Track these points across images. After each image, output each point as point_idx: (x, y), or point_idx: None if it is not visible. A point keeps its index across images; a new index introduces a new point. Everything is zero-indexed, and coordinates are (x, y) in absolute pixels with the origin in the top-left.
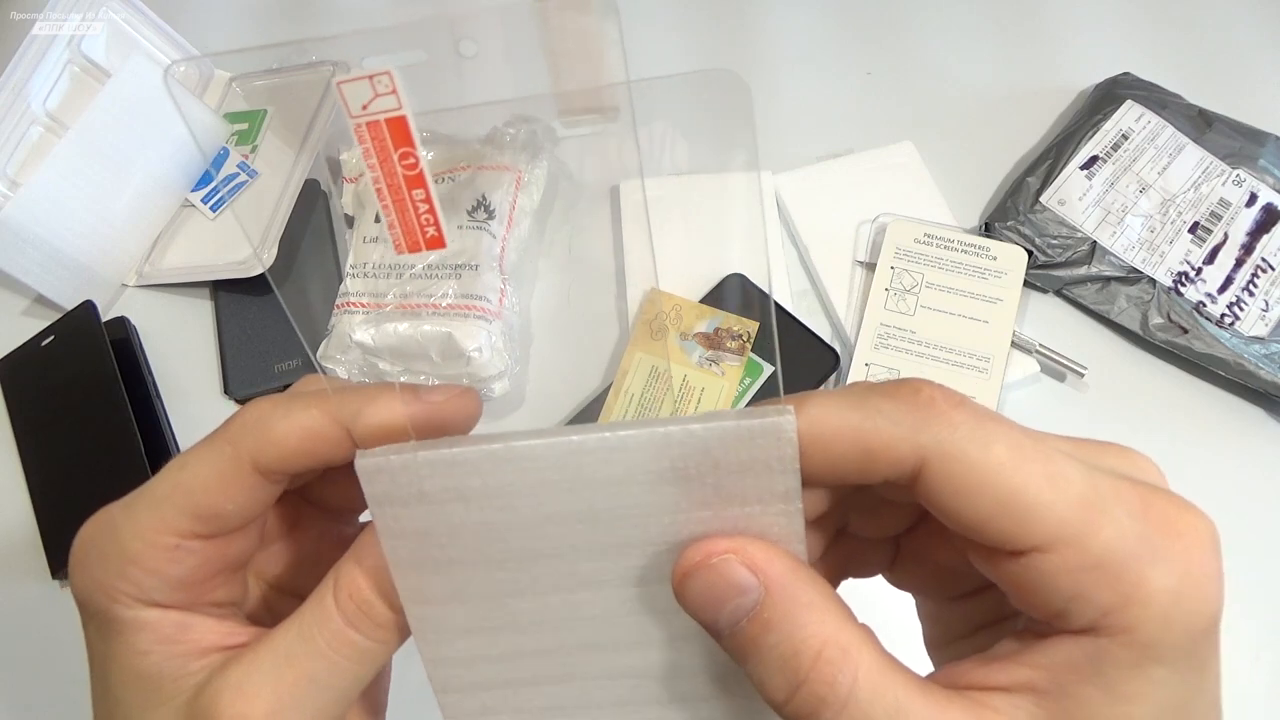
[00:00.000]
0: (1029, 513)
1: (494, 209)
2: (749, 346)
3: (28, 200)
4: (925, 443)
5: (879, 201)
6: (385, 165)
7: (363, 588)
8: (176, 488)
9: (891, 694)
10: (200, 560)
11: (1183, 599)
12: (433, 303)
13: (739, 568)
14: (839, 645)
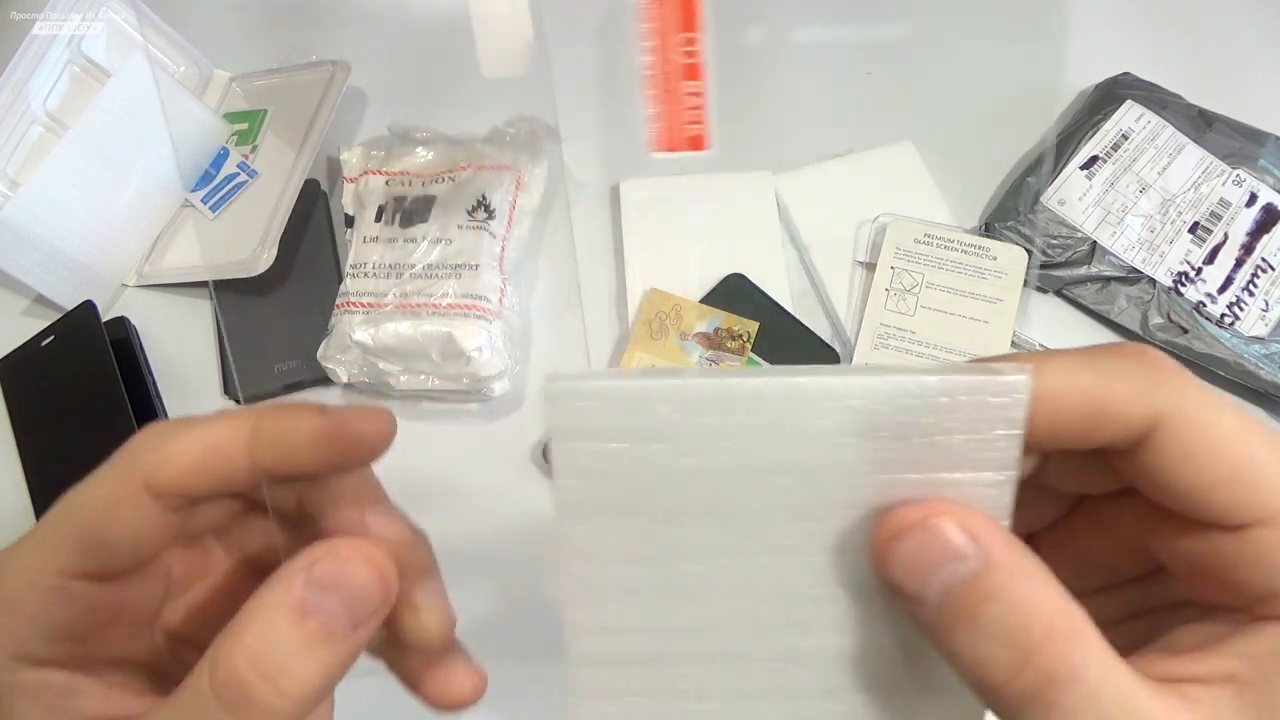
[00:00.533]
0: (1257, 483)
1: (494, 209)
2: (749, 346)
3: (28, 200)
4: (1161, 404)
5: (879, 201)
6: (661, 48)
7: (240, 669)
8: (64, 517)
9: (1119, 679)
10: (87, 605)
11: None
12: (433, 302)
13: (957, 531)
14: (1072, 621)
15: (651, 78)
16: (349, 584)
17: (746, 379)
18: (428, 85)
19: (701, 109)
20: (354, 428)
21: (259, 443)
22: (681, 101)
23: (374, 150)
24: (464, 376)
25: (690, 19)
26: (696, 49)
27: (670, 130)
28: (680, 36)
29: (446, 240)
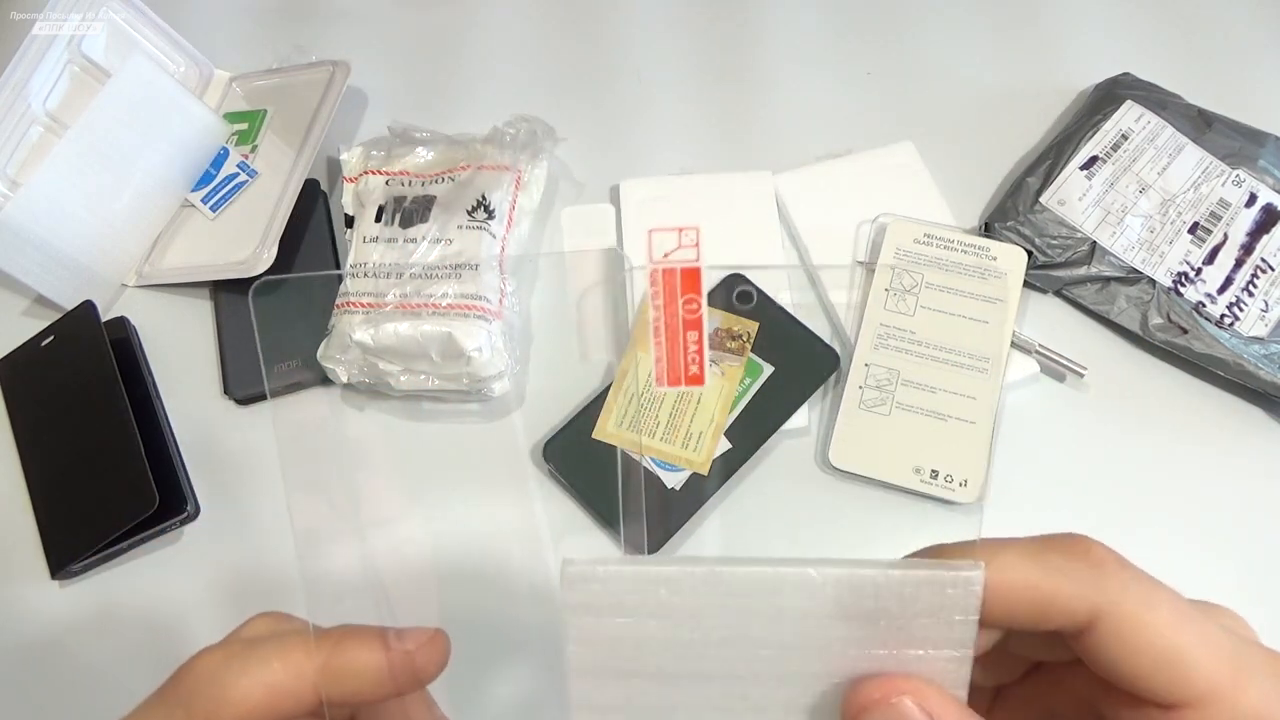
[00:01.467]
0: (1188, 670)
1: (494, 209)
2: (749, 346)
3: (28, 200)
4: (1099, 601)
5: (879, 201)
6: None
7: None
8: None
9: None
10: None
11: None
12: (433, 302)
13: (914, 708)
14: None
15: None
16: None
17: (735, 568)
18: (428, 85)
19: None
20: (417, 663)
21: (327, 684)
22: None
23: (374, 150)
24: (464, 376)
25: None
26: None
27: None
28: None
29: (446, 240)
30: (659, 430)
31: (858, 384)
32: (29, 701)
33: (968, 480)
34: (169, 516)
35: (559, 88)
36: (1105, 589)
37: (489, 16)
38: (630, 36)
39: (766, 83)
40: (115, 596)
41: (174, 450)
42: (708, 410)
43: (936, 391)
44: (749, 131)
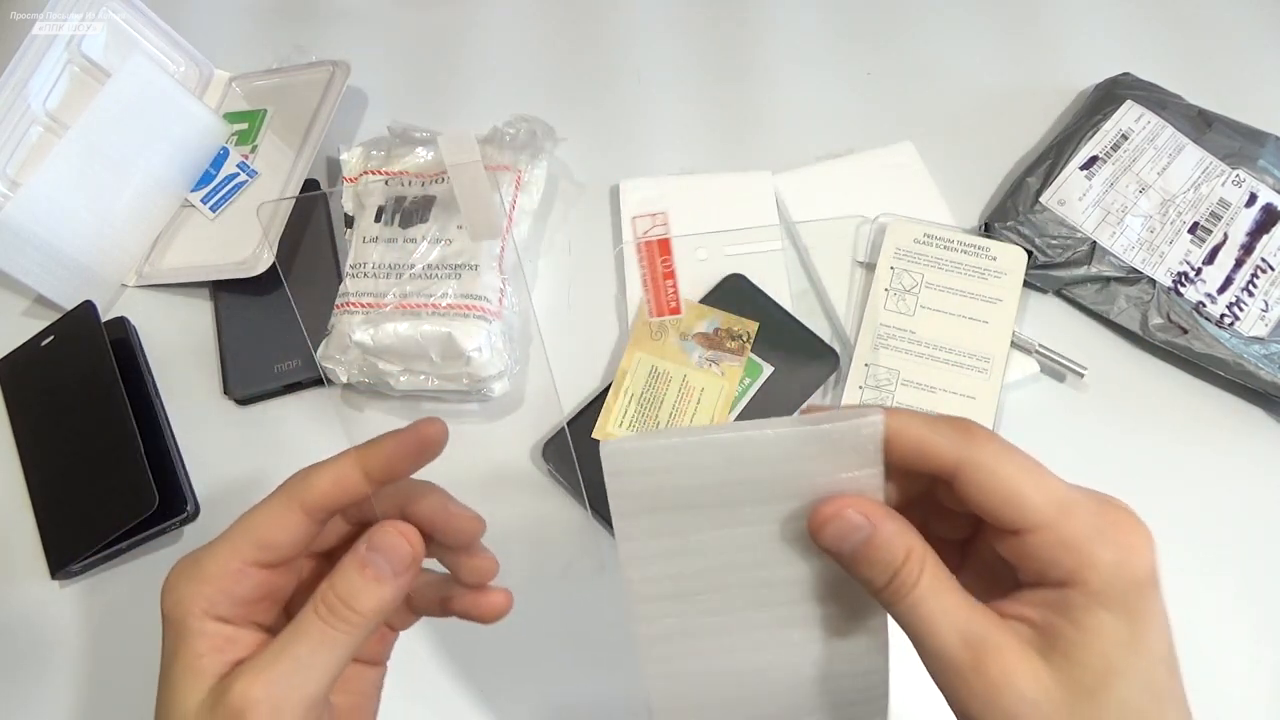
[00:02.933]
0: (1022, 505)
1: None
2: (749, 346)
3: (28, 200)
4: (963, 454)
5: (879, 201)
6: (652, 266)
7: (332, 597)
8: (244, 526)
9: (945, 588)
10: (256, 584)
11: (1119, 566)
12: (432, 303)
13: (857, 516)
14: (917, 554)
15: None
16: (389, 548)
17: (724, 434)
18: (428, 85)
19: (677, 293)
20: (425, 434)
21: (368, 464)
22: (666, 292)
23: (374, 150)
24: (464, 376)
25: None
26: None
27: (659, 307)
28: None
29: (446, 240)
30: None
31: (858, 384)
32: (29, 701)
33: None
34: (169, 516)
35: (559, 88)
36: (969, 446)
37: (489, 16)
38: (630, 36)
39: (766, 83)
40: (115, 596)
41: (174, 450)
42: (708, 410)
43: (936, 391)
44: (749, 131)
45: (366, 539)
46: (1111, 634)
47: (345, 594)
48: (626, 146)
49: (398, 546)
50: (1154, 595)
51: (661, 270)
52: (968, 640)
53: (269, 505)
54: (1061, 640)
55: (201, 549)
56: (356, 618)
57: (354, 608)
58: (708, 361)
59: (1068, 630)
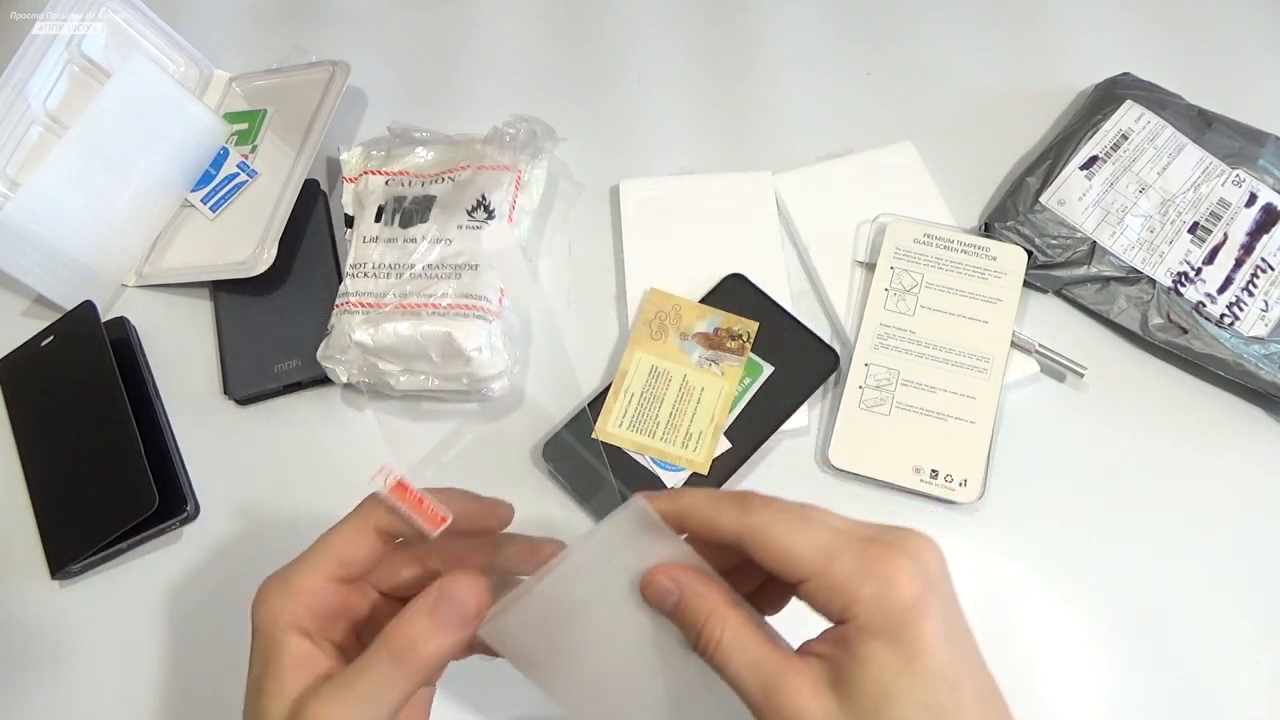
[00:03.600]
0: (793, 560)
1: (494, 209)
2: (749, 346)
3: (28, 200)
4: (740, 524)
5: (879, 201)
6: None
7: (398, 640)
8: (325, 545)
9: (748, 640)
10: (335, 600)
11: (880, 598)
12: (432, 302)
13: (667, 581)
14: (718, 614)
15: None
16: (458, 601)
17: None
18: (428, 85)
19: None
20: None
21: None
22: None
23: (374, 150)
24: (463, 376)
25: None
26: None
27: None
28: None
29: (446, 240)
30: (659, 430)
31: (858, 384)
32: (29, 701)
33: (967, 480)
34: (169, 516)
35: (559, 88)
36: (745, 515)
37: (489, 16)
38: (630, 37)
39: (766, 83)
40: (115, 596)
41: (174, 450)
42: (708, 410)
43: (936, 391)
44: (749, 131)
45: (439, 585)
46: (883, 661)
47: (412, 639)
48: (626, 146)
49: (465, 601)
50: (922, 619)
51: (415, 500)
52: (765, 684)
53: (347, 525)
54: (844, 672)
55: (288, 566)
56: (421, 661)
57: (420, 652)
58: (708, 361)
59: (847, 663)
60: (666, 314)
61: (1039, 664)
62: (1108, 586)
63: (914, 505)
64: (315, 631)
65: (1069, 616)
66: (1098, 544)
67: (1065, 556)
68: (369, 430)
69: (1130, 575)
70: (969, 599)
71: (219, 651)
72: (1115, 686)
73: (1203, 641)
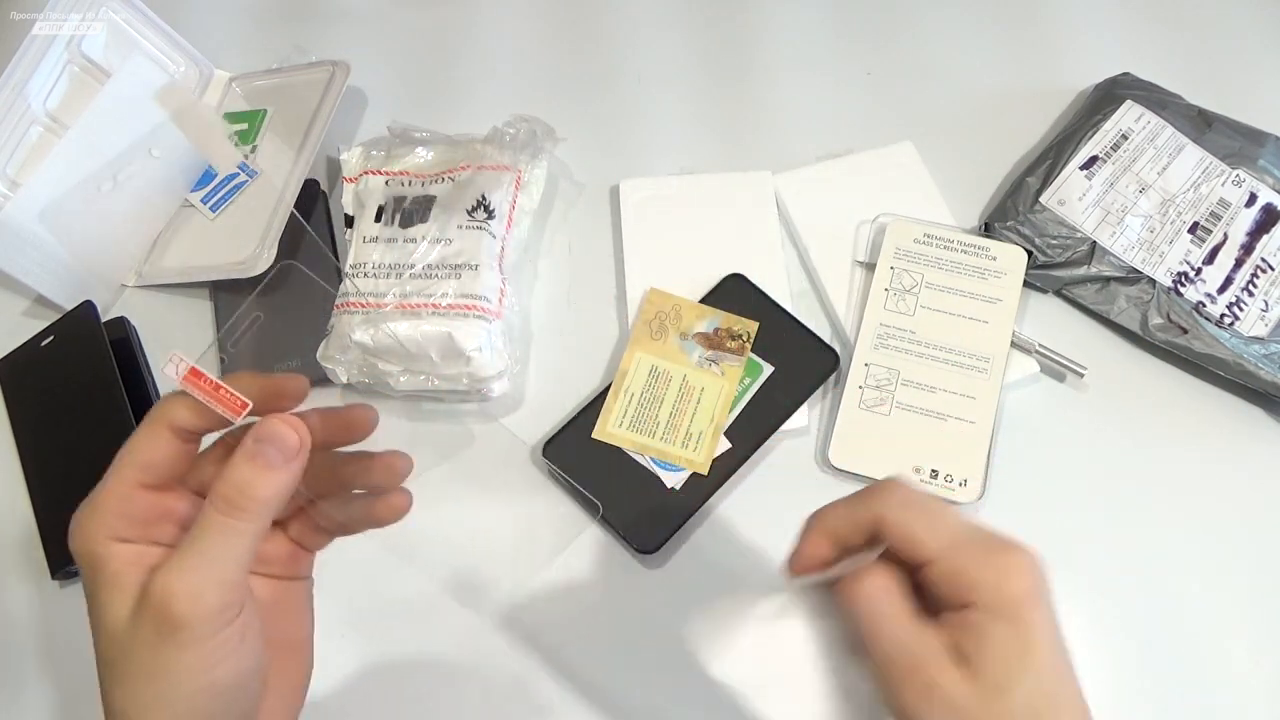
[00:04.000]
0: (920, 545)
1: (494, 209)
2: (749, 346)
3: (28, 200)
4: (876, 512)
5: (879, 201)
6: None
7: (225, 491)
8: (122, 454)
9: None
10: (148, 505)
11: (999, 585)
12: (432, 303)
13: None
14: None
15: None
16: (277, 437)
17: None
18: (428, 85)
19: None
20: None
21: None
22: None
23: (374, 150)
24: (464, 377)
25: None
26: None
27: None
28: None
29: (446, 240)
30: (659, 430)
31: (858, 384)
32: (29, 701)
33: (967, 480)
34: None
35: (559, 88)
36: (878, 505)
37: (489, 16)
38: (630, 37)
39: (766, 83)
40: None
41: None
42: (708, 410)
43: (936, 391)
44: (749, 131)
45: (252, 432)
46: (1005, 643)
47: (239, 485)
48: (626, 146)
49: (285, 435)
50: (1037, 609)
51: (210, 387)
52: (909, 650)
53: (139, 431)
54: (969, 652)
55: (96, 488)
56: (254, 505)
57: (250, 496)
58: (708, 361)
59: (970, 644)
60: (666, 314)
61: None
62: (1108, 586)
63: None
64: (139, 537)
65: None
66: (1098, 544)
67: (1065, 556)
68: None
69: (1130, 575)
70: None
71: None
72: (1115, 686)
73: (1203, 641)
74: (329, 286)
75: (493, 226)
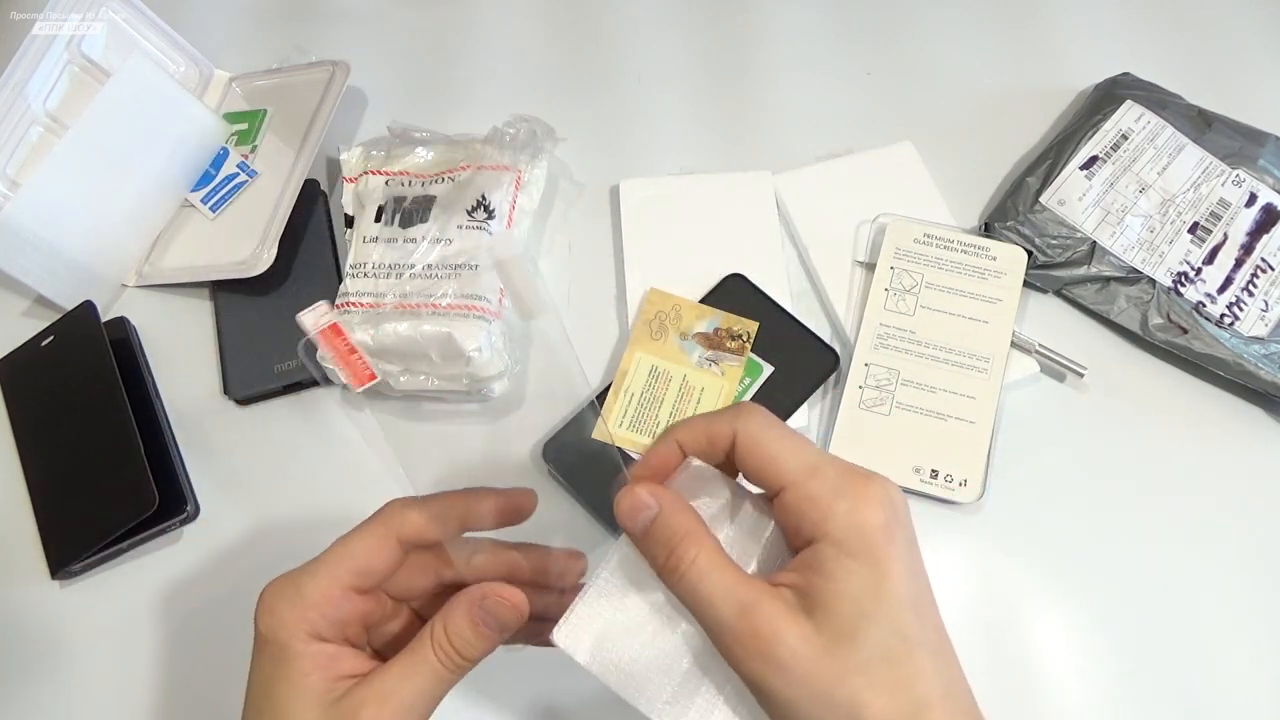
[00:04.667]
0: (777, 467)
1: (494, 209)
2: (749, 346)
3: (28, 200)
4: (735, 428)
5: (879, 201)
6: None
7: (447, 642)
8: (343, 553)
9: (718, 564)
10: (354, 608)
11: (852, 515)
12: (432, 303)
13: (647, 496)
14: (695, 535)
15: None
16: (502, 613)
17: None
18: (428, 85)
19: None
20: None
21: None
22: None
23: (374, 150)
24: (464, 377)
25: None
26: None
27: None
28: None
29: (446, 240)
30: (659, 430)
31: (858, 384)
32: (29, 701)
33: (967, 480)
34: (169, 516)
35: (559, 88)
36: (738, 421)
37: (489, 16)
38: (630, 36)
39: (766, 83)
40: (115, 597)
41: (174, 450)
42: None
43: (936, 391)
44: (749, 131)
45: (482, 593)
46: (857, 580)
47: (459, 643)
48: (626, 146)
49: (508, 614)
50: (893, 543)
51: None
52: (742, 609)
53: (366, 534)
54: (817, 593)
55: (298, 572)
56: (465, 664)
57: (464, 656)
58: (708, 361)
59: (820, 583)
60: (666, 314)
61: (1038, 663)
62: (1107, 586)
63: (914, 505)
64: (334, 637)
65: (1069, 616)
66: (1097, 543)
67: (1065, 556)
68: (369, 431)
69: (1130, 575)
70: (969, 598)
71: (219, 651)
72: (1114, 686)
73: (1203, 641)
74: (329, 287)
75: (493, 226)
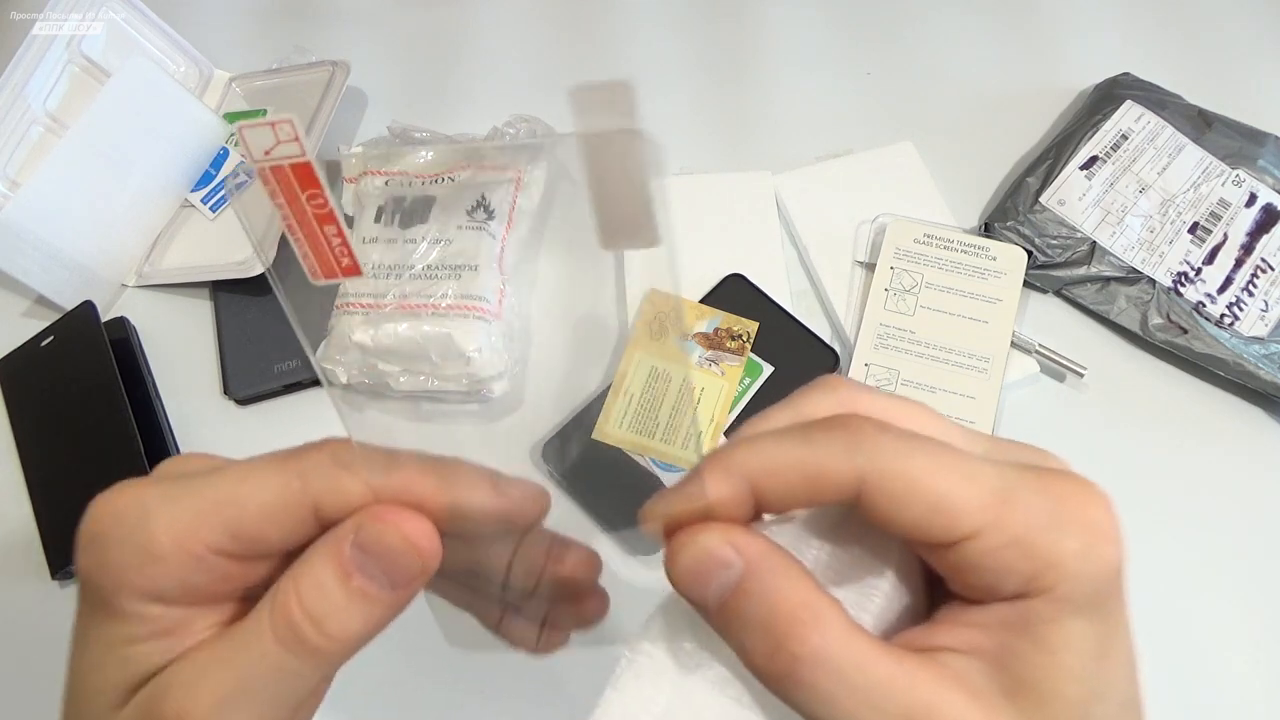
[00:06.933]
0: (953, 510)
1: (494, 209)
2: (749, 346)
3: (28, 200)
4: (861, 465)
5: (879, 201)
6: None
7: (294, 610)
8: (229, 501)
9: (857, 650)
10: (220, 575)
11: (1088, 558)
12: (432, 303)
13: (724, 545)
14: (810, 608)
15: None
16: (388, 552)
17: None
18: (428, 85)
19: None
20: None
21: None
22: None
23: (374, 150)
24: (463, 377)
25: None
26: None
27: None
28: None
29: (446, 241)
30: (659, 431)
31: None
32: (29, 702)
33: None
34: None
35: (559, 88)
36: (865, 452)
37: (489, 16)
38: (630, 37)
39: (766, 83)
40: None
41: (174, 450)
42: (708, 410)
43: (936, 391)
44: (749, 131)
45: (354, 529)
46: (1084, 648)
47: (317, 613)
48: None
49: (401, 552)
50: (1121, 589)
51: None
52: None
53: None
54: (1028, 672)
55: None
56: (329, 646)
57: (327, 633)
58: (708, 361)
59: (1033, 656)
60: (666, 314)
61: None
62: None
63: None
64: (183, 600)
65: None
66: None
67: None
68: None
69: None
70: None
71: None
72: None
73: (1202, 641)
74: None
75: (492, 227)
